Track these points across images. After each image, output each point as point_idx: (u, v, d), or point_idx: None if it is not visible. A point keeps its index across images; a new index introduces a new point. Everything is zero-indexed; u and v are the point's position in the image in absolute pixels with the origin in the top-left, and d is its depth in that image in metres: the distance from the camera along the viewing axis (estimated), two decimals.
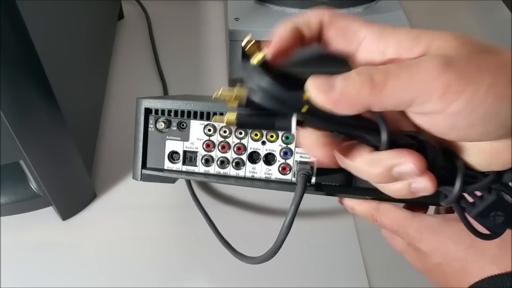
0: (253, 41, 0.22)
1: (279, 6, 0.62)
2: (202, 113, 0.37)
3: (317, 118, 0.22)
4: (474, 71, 0.20)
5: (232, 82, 0.65)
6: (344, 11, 0.62)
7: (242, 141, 0.37)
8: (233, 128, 0.23)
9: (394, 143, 0.23)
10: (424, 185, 0.23)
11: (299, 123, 0.22)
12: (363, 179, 0.36)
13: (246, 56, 0.23)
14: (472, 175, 0.24)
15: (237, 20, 0.59)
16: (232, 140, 0.37)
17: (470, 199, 0.25)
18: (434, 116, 0.21)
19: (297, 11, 0.61)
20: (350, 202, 0.37)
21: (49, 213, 0.52)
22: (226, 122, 0.23)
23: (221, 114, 0.32)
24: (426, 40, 0.22)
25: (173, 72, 0.70)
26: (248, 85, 0.22)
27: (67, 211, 0.52)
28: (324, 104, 0.21)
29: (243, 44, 0.22)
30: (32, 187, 0.48)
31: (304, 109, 0.21)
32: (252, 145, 0.37)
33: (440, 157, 0.24)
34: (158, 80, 0.68)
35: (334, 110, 0.21)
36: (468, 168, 0.24)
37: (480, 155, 0.24)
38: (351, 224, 0.53)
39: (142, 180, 0.38)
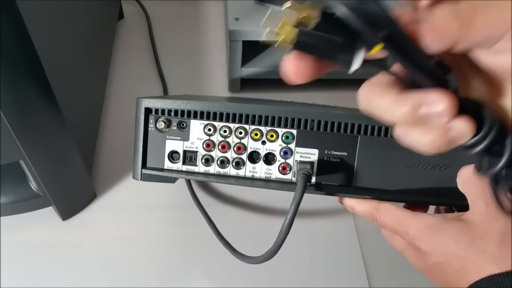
0: None
1: (279, 6, 0.62)
2: (202, 112, 0.37)
3: (394, 47, 0.20)
4: None
5: (232, 83, 0.65)
6: None
7: (242, 141, 0.37)
8: (289, 47, 0.20)
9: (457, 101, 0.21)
10: (462, 127, 0.21)
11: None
12: (363, 179, 0.37)
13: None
14: None
15: (237, 20, 0.60)
16: (232, 140, 0.37)
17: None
18: None
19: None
20: (350, 202, 0.37)
21: (49, 213, 0.52)
22: (281, 41, 0.19)
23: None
24: None
25: (173, 72, 0.70)
26: None
27: (67, 211, 0.52)
28: (413, 30, 0.20)
29: None
30: (32, 187, 0.48)
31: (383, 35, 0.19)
32: (252, 145, 0.37)
33: (497, 125, 0.22)
34: (158, 80, 0.69)
35: (420, 39, 0.20)
36: None
37: None
38: (351, 224, 0.53)
39: (142, 180, 0.38)
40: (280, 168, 0.37)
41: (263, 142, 0.37)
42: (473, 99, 0.23)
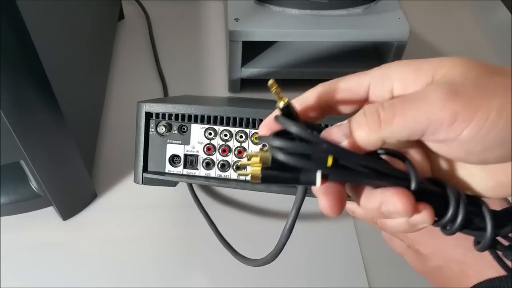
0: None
1: (279, 7, 0.62)
2: (202, 116, 0.37)
3: (342, 170, 0.22)
4: (482, 95, 0.20)
5: (232, 83, 0.66)
6: (343, 11, 0.62)
7: (243, 145, 0.37)
8: (257, 182, 0.24)
9: (421, 190, 0.22)
10: (420, 218, 0.23)
11: (324, 177, 0.22)
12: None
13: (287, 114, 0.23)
14: (501, 216, 0.24)
15: (237, 21, 0.60)
16: (233, 144, 0.37)
17: (505, 243, 0.24)
18: (449, 144, 0.21)
19: (296, 11, 0.61)
20: (351, 205, 0.37)
21: (50, 213, 0.52)
22: (251, 178, 0.23)
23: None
24: (429, 69, 0.22)
25: (173, 72, 0.70)
26: (270, 144, 0.22)
27: (68, 211, 0.52)
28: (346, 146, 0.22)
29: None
30: (33, 187, 0.48)
31: (329, 163, 0.21)
32: (252, 148, 0.37)
33: (464, 200, 0.23)
34: (158, 80, 0.69)
35: (356, 150, 0.22)
36: (495, 211, 0.24)
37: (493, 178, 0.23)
38: (351, 225, 0.53)
39: (144, 184, 0.39)
40: None
41: (264, 146, 0.37)
42: (435, 179, 0.24)
